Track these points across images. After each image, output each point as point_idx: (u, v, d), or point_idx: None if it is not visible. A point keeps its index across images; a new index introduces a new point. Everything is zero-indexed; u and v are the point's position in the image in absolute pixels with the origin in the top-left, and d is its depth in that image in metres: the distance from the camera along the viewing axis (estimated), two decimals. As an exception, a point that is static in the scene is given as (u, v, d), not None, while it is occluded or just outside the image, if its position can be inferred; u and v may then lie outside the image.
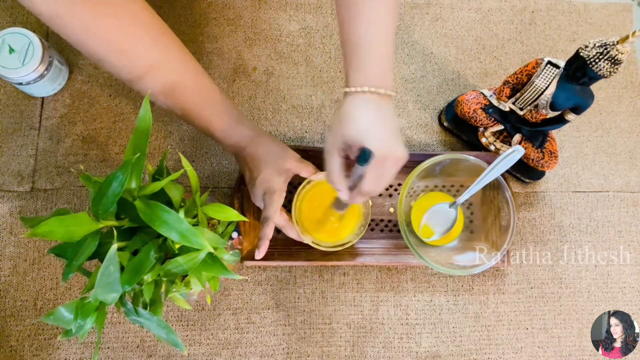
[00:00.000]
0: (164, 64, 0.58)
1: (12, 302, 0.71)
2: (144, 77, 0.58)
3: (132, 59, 0.56)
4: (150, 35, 0.57)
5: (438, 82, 0.84)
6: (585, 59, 0.60)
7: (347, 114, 0.53)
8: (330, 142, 0.55)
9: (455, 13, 0.88)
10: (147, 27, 0.56)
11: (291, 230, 0.67)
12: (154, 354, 0.70)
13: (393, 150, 0.53)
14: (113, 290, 0.44)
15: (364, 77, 0.53)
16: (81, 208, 0.75)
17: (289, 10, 0.86)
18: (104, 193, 0.45)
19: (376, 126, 0.52)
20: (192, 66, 0.61)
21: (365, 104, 0.53)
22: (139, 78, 0.58)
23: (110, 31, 0.53)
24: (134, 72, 0.57)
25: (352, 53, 0.54)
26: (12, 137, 0.77)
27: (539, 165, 0.74)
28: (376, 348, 0.72)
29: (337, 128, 0.54)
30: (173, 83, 0.59)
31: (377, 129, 0.52)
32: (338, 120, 0.54)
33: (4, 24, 0.81)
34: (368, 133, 0.52)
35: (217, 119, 0.63)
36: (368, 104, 0.53)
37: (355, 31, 0.54)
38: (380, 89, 0.53)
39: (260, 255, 0.63)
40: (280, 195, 0.63)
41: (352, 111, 0.53)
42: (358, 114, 0.53)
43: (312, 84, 0.82)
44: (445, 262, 0.69)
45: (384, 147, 0.52)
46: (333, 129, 0.54)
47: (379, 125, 0.53)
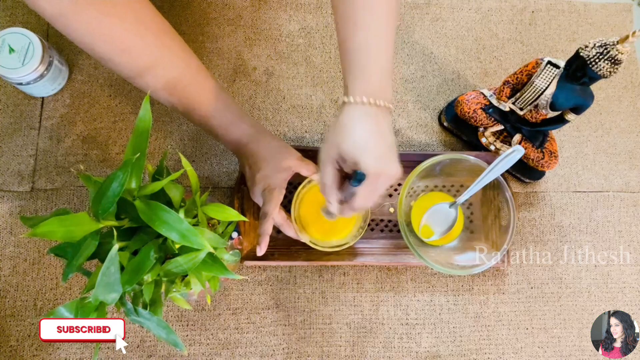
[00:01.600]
0: (165, 60, 0.58)
1: (12, 302, 0.71)
2: (146, 74, 0.58)
3: (134, 56, 0.56)
4: (152, 34, 0.57)
5: (438, 82, 0.84)
6: (585, 59, 0.60)
7: (345, 126, 0.52)
8: (325, 153, 0.54)
9: (455, 13, 0.88)
10: (149, 25, 0.57)
11: (289, 229, 0.67)
12: (154, 354, 0.70)
13: (387, 168, 0.52)
14: (113, 290, 0.44)
15: (363, 88, 0.52)
16: (81, 208, 0.75)
17: (289, 10, 0.85)
18: (104, 193, 0.45)
19: (372, 142, 0.52)
20: (193, 63, 0.62)
21: (363, 116, 0.52)
22: (140, 75, 0.58)
23: (113, 30, 0.54)
24: (136, 69, 0.57)
25: (351, 62, 0.54)
26: (12, 137, 0.77)
27: (539, 165, 0.74)
28: (376, 348, 0.72)
29: (333, 140, 0.53)
30: (174, 79, 0.59)
31: (372, 145, 0.52)
32: (335, 131, 0.53)
33: (4, 24, 0.81)
34: (363, 149, 0.51)
35: (218, 115, 0.63)
36: (366, 117, 0.52)
37: (354, 40, 0.53)
38: (380, 100, 0.52)
39: (261, 251, 0.63)
40: (280, 192, 0.63)
41: (350, 124, 0.52)
42: (355, 127, 0.52)
43: (312, 84, 0.82)
44: (445, 262, 0.69)
45: (378, 164, 0.51)
46: (329, 140, 0.54)
47: (375, 141, 0.52)
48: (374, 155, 0.51)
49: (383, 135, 0.53)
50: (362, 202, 0.54)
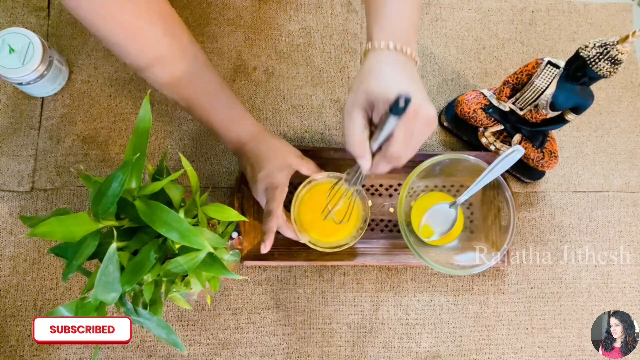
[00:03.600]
0: (173, 54, 0.58)
1: (12, 302, 0.71)
2: (153, 66, 0.57)
3: (143, 44, 0.55)
4: (162, 23, 0.56)
5: (438, 82, 0.84)
6: (585, 59, 0.60)
7: (373, 70, 0.47)
8: (351, 101, 0.48)
9: (455, 13, 0.88)
10: (160, 14, 0.56)
11: (288, 230, 0.67)
12: (154, 354, 0.70)
13: (425, 107, 0.47)
14: (113, 290, 0.44)
15: (390, 34, 0.49)
16: (81, 208, 0.75)
17: (289, 10, 0.85)
18: (104, 193, 0.45)
19: (405, 82, 0.47)
20: (200, 58, 0.61)
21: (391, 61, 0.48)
22: (148, 66, 0.57)
23: (125, 15, 0.53)
24: (144, 59, 0.57)
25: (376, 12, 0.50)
26: (12, 137, 0.77)
27: (539, 165, 0.74)
28: (376, 348, 0.72)
29: (360, 85, 0.47)
30: (181, 74, 0.59)
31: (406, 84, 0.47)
32: (361, 77, 0.48)
33: (4, 24, 0.81)
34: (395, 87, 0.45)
35: (220, 112, 0.63)
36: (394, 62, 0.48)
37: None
38: (407, 48, 0.48)
39: (266, 249, 0.62)
40: (282, 190, 0.63)
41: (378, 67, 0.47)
42: (384, 69, 0.47)
43: (312, 84, 0.82)
44: (445, 262, 0.69)
45: (415, 101, 0.45)
46: (354, 88, 0.49)
47: (408, 82, 0.47)
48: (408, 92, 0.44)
49: (415, 79, 0.49)
50: (400, 147, 0.48)
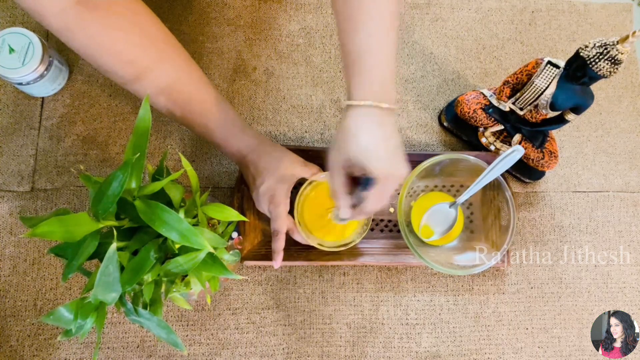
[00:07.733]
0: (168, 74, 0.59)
1: (12, 302, 0.71)
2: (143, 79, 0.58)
3: (138, 69, 0.57)
4: (156, 47, 0.58)
5: (438, 82, 0.84)
6: (585, 59, 0.60)
7: (350, 131, 0.53)
8: (333, 159, 0.55)
9: (455, 13, 0.88)
10: (153, 39, 0.58)
11: (297, 234, 0.68)
12: (154, 354, 0.70)
13: (395, 170, 0.53)
14: (113, 290, 0.44)
15: (366, 90, 0.53)
16: (81, 208, 0.75)
17: (289, 10, 0.85)
18: (104, 193, 0.45)
19: (378, 146, 0.52)
20: (196, 77, 0.62)
21: (367, 120, 0.52)
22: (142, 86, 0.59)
23: (118, 43, 0.55)
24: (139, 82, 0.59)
25: (353, 65, 0.54)
26: (12, 137, 0.77)
27: (539, 165, 0.74)
28: (376, 348, 0.72)
29: (340, 146, 0.54)
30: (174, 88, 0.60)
31: (379, 149, 0.52)
32: (340, 137, 0.54)
33: (4, 24, 0.81)
34: (370, 154, 0.52)
35: (218, 128, 0.64)
36: (370, 121, 0.53)
37: (356, 42, 0.53)
38: (383, 102, 0.52)
39: (277, 265, 0.66)
40: (285, 206, 0.64)
41: (355, 129, 0.53)
42: (360, 132, 0.52)
43: (312, 84, 0.82)
44: (445, 262, 0.69)
45: (386, 168, 0.52)
46: (336, 147, 0.55)
47: (381, 145, 0.53)
48: (381, 159, 0.52)
49: (389, 138, 0.53)
50: (373, 206, 0.55)
